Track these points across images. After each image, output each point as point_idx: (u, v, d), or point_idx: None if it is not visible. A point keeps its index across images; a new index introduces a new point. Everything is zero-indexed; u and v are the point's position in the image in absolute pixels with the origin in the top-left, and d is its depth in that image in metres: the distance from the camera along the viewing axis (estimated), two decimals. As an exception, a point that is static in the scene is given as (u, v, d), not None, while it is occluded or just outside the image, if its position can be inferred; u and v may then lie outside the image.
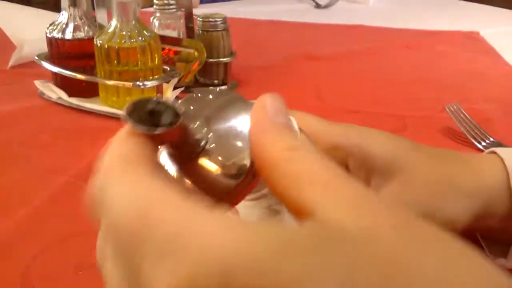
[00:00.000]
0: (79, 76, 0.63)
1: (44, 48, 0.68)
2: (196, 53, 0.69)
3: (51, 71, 0.67)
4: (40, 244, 0.40)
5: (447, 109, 0.60)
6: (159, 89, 0.63)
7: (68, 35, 0.64)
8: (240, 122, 0.23)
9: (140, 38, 0.61)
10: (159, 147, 0.23)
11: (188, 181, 0.23)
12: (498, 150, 0.36)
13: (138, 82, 0.60)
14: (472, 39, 1.07)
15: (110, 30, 0.61)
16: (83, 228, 0.42)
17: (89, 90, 0.65)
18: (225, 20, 0.71)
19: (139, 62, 0.61)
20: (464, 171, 0.34)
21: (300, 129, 0.24)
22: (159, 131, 0.20)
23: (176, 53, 0.72)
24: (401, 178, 0.33)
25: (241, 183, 0.23)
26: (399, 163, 0.33)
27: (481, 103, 0.70)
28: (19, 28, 0.83)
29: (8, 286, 0.36)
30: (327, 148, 0.33)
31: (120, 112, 0.64)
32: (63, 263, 0.38)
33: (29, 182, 0.48)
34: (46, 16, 0.84)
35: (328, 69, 0.87)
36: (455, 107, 0.60)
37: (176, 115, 0.21)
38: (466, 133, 0.58)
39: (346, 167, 0.33)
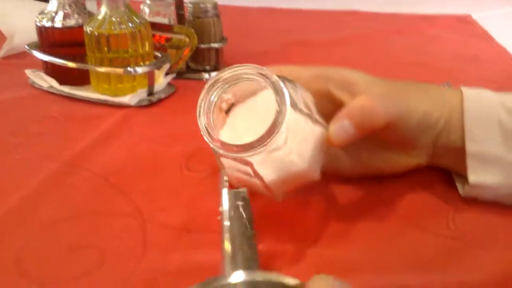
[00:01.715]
0: (70, 64, 0.62)
1: (34, 38, 0.68)
2: (187, 39, 0.69)
3: (41, 60, 0.67)
4: (33, 228, 0.40)
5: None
6: (150, 75, 0.62)
7: (58, 24, 0.64)
8: None
9: (130, 25, 0.60)
10: None
11: None
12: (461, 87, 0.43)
13: (129, 69, 0.60)
14: (464, 23, 1.07)
15: (100, 17, 0.60)
16: (75, 212, 0.42)
17: (80, 78, 0.65)
18: (215, 6, 0.71)
19: (130, 49, 0.61)
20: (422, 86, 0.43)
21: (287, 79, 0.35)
22: None
23: (167, 40, 0.72)
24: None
25: None
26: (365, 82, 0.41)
27: (474, 85, 0.70)
28: (8, 18, 0.83)
29: (3, 268, 0.36)
30: (311, 78, 0.41)
31: (112, 99, 0.64)
32: (56, 245, 0.38)
33: (20, 168, 0.48)
34: (35, 5, 0.83)
35: (320, 55, 0.86)
36: (446, 86, 0.60)
37: None
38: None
39: (328, 90, 0.41)
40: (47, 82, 0.66)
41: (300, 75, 0.41)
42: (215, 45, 0.71)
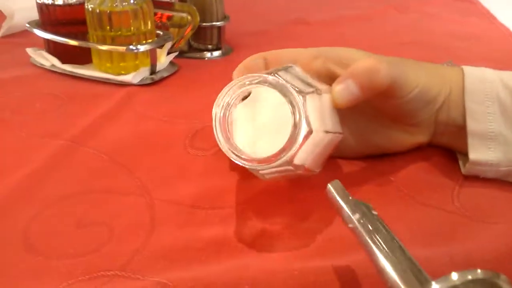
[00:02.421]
0: (72, 42, 0.62)
1: (35, 16, 0.67)
2: (189, 17, 0.68)
3: (43, 39, 0.66)
4: (40, 204, 0.40)
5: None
6: (152, 54, 0.62)
7: (59, 1, 0.63)
8: None
9: (132, 1, 0.60)
10: None
11: None
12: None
13: (131, 47, 0.60)
14: (465, 1, 1.06)
15: (101, -6, 0.60)
16: (81, 189, 0.42)
17: (82, 57, 0.64)
18: (217, -17, 0.70)
19: (132, 27, 0.61)
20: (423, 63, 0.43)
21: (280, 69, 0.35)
22: None
23: (169, 18, 0.71)
24: None
25: None
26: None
27: (475, 64, 0.70)
28: (8, -3, 0.82)
29: (10, 243, 0.36)
30: (309, 59, 0.41)
31: (114, 77, 0.64)
32: (63, 221, 0.38)
33: (24, 146, 0.48)
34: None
35: (321, 34, 0.86)
36: (449, 65, 0.59)
37: None
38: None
39: (327, 68, 0.41)
40: (49, 60, 0.66)
41: (298, 56, 0.42)
42: (217, 23, 0.71)
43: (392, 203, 0.40)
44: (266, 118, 0.37)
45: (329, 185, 0.31)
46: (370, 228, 0.28)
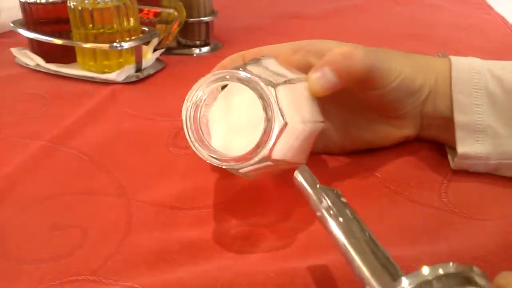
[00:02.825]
0: (55, 41, 0.61)
1: (20, 16, 0.66)
2: (176, 13, 0.67)
3: (27, 38, 0.65)
4: (16, 206, 0.39)
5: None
6: (137, 51, 0.61)
7: (42, -1, 0.62)
8: None
9: (114, -2, 0.59)
10: None
11: None
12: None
13: (115, 44, 0.58)
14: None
15: (84, -9, 0.58)
16: (60, 190, 0.41)
17: (66, 56, 0.63)
18: (204, -23, 0.69)
19: (115, 24, 0.59)
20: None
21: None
22: None
23: (156, 15, 0.70)
24: None
25: None
26: None
27: (472, 55, 0.68)
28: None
29: (-19, 248, 0.35)
30: (289, 53, 0.40)
31: (98, 75, 0.62)
32: (38, 224, 0.37)
33: (4, 148, 0.47)
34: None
35: (315, 28, 0.84)
36: (440, 56, 0.58)
37: None
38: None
39: (307, 61, 0.40)
40: (33, 60, 0.65)
41: (279, 51, 0.41)
42: (205, 18, 0.70)
43: (378, 199, 0.39)
44: (240, 116, 0.36)
45: (296, 172, 0.29)
46: (339, 217, 0.26)
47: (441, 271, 0.19)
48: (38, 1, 0.62)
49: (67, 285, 0.32)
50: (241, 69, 0.32)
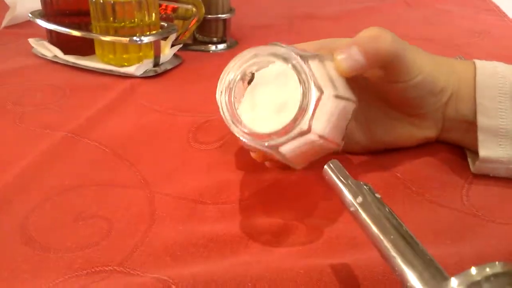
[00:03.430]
0: (74, 33, 0.61)
1: (37, 7, 0.66)
2: (194, 9, 0.67)
3: (45, 29, 0.65)
4: (39, 196, 0.39)
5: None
6: (156, 45, 0.61)
7: (62, -9, 0.62)
8: None
9: (136, -8, 0.59)
10: None
11: None
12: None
13: (135, 38, 0.58)
14: (476, -2, 1.04)
15: (105, -16, 0.59)
16: (82, 181, 0.41)
17: (84, 48, 0.63)
18: (223, -25, 0.69)
19: (136, 19, 0.60)
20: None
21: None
22: None
23: (174, 10, 0.70)
24: None
25: None
26: None
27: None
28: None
29: (7, 236, 0.35)
30: (316, 51, 0.38)
31: (117, 69, 0.63)
32: (62, 214, 0.37)
33: (25, 138, 0.47)
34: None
35: (329, 29, 0.85)
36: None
37: None
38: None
39: None
40: (51, 51, 0.65)
41: (304, 49, 0.40)
42: (223, 16, 0.70)
43: (400, 200, 0.39)
44: (270, 101, 0.35)
45: (326, 166, 0.29)
46: (375, 213, 0.26)
47: (488, 271, 0.20)
48: (59, -8, 0.62)
49: (94, 275, 0.32)
50: (273, 44, 0.33)
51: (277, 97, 0.34)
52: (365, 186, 0.27)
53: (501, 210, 0.38)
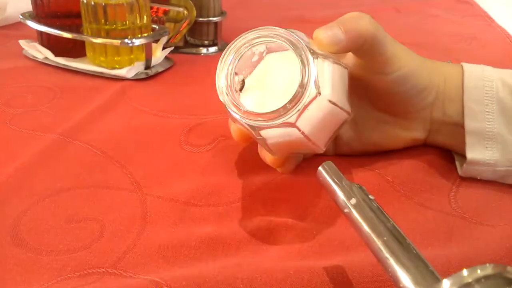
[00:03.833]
0: (66, 35, 0.61)
1: (28, 8, 0.66)
2: (185, 12, 0.67)
3: (36, 31, 0.65)
4: (31, 198, 0.39)
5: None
6: (147, 48, 0.61)
7: (53, -7, 0.62)
8: None
9: (127, -5, 0.59)
10: None
11: None
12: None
13: (126, 40, 0.59)
14: (464, 3, 1.06)
15: (97, -14, 0.59)
16: (74, 183, 0.41)
17: (75, 50, 0.63)
18: (214, -22, 0.69)
19: (127, 21, 0.60)
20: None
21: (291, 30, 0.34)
22: None
23: (165, 13, 0.70)
24: None
25: None
26: None
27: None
28: (1, -12, 0.81)
29: (-1, 238, 0.35)
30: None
31: (108, 71, 0.63)
32: (54, 216, 0.37)
33: (16, 140, 0.47)
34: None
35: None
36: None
37: None
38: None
39: None
40: (41, 53, 0.65)
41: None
42: (214, 19, 0.70)
43: (389, 203, 0.39)
44: (276, 83, 0.36)
45: (321, 167, 0.29)
46: (369, 214, 0.26)
47: (480, 273, 0.20)
48: (50, -6, 0.62)
49: (87, 277, 0.32)
50: (287, 30, 0.33)
51: (281, 83, 0.35)
52: (359, 188, 0.28)
53: (488, 213, 0.39)
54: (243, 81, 0.36)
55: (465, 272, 0.20)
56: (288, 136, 0.33)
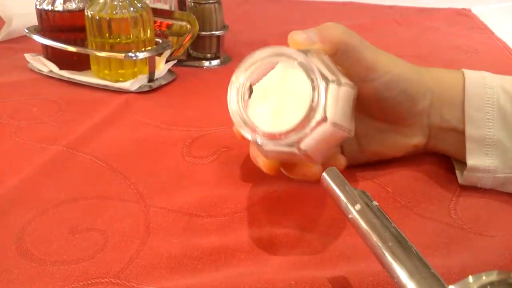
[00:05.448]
0: (70, 48, 0.62)
1: (33, 22, 0.67)
2: (188, 26, 0.68)
3: (41, 44, 0.66)
4: (35, 209, 0.40)
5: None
6: (151, 61, 0.62)
7: (59, 7, 0.63)
8: None
9: (131, 9, 0.60)
10: None
11: None
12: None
13: (130, 54, 0.60)
14: (464, 16, 1.07)
15: (101, 0, 0.60)
16: (78, 194, 0.42)
17: (80, 63, 0.64)
18: (217, -8, 0.70)
19: (131, 35, 0.61)
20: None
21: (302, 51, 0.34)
22: None
23: (168, 27, 0.71)
24: None
25: None
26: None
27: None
28: (6, 1, 0.82)
29: (3, 248, 0.35)
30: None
31: (112, 84, 0.63)
32: (58, 227, 0.38)
33: (21, 151, 0.48)
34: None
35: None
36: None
37: None
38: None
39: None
40: (47, 66, 0.66)
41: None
42: (217, 32, 0.71)
43: (389, 214, 0.39)
44: (286, 98, 0.36)
45: (325, 173, 0.29)
46: (374, 220, 0.26)
47: (485, 279, 0.20)
48: (56, 8, 0.63)
49: (90, 287, 0.32)
50: (303, 53, 0.34)
51: (285, 96, 0.35)
52: (362, 193, 0.28)
53: (488, 223, 0.39)
54: (250, 87, 0.37)
55: (470, 278, 0.21)
56: (323, 133, 0.34)
